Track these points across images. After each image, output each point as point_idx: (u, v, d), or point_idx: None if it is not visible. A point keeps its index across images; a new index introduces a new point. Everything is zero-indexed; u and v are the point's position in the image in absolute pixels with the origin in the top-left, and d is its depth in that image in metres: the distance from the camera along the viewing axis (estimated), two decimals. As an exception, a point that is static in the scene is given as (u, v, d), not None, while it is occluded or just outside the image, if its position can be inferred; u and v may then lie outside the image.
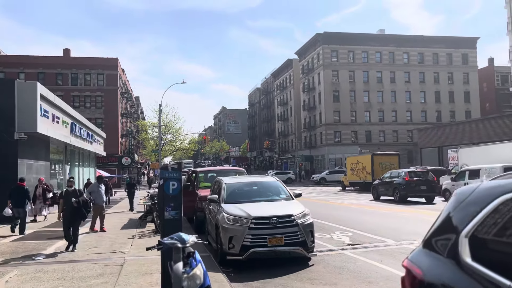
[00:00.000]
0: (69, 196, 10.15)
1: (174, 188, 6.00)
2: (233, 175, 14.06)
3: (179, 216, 6.06)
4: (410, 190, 22.08)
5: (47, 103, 18.13)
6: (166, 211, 5.95)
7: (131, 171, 65.05)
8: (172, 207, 5.99)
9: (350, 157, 39.48)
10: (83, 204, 10.16)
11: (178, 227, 5.84)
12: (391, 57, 67.22)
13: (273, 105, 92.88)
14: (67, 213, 10.13)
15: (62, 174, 24.49)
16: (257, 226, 7.90)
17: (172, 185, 5.98)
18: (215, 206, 9.31)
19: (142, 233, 12.53)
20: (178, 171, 6.10)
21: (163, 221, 6.05)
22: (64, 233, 10.24)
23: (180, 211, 6.11)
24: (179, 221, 6.06)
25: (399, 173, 23.92)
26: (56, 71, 57.30)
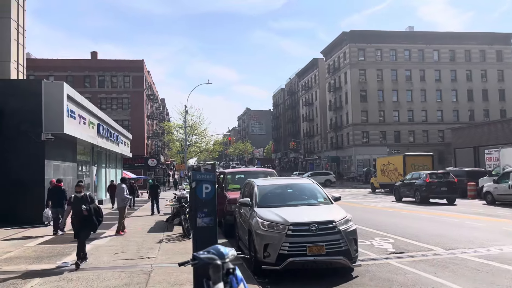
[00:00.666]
0: (78, 203, 8.58)
1: (208, 191, 5.35)
2: (263, 176, 13.40)
3: (213, 223, 5.40)
4: (431, 191, 22.35)
5: (74, 103, 17.93)
6: (199, 218, 5.30)
7: (157, 172, 65.37)
8: (206, 213, 5.34)
9: (380, 158, 38.23)
10: (94, 212, 8.57)
11: (213, 236, 5.22)
12: (421, 55, 65.21)
13: (298, 106, 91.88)
14: (75, 223, 8.63)
15: (89, 176, 24.40)
16: (295, 233, 7.19)
17: (205, 188, 5.33)
18: (247, 210, 8.66)
19: (170, 237, 12.01)
20: (212, 172, 5.46)
21: (196, 229, 5.39)
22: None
23: (215, 218, 5.46)
24: (213, 229, 5.40)
25: (420, 175, 24.08)
26: (84, 74, 58.09)
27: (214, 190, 5.48)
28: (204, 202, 5.35)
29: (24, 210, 15.16)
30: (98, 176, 26.58)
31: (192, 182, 5.46)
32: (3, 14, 26.47)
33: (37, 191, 15.57)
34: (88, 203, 8.60)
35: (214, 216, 5.44)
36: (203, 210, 5.34)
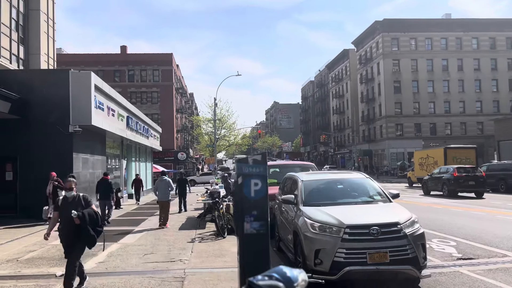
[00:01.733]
0: (67, 208, 6.00)
1: (258, 189, 4.29)
2: (300, 170, 12.31)
3: (265, 229, 4.33)
4: (458, 185, 22.69)
5: (102, 94, 17.30)
6: (246, 222, 4.25)
7: (187, 166, 65.23)
8: (255, 217, 4.28)
9: (418, 151, 36.37)
10: (90, 220, 6.09)
11: (264, 246, 4.19)
12: (458, 43, 62.07)
13: (327, 98, 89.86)
14: (64, 235, 6.14)
15: (119, 169, 23.93)
16: (353, 237, 6.09)
17: (254, 184, 4.27)
18: (291, 208, 7.60)
19: (203, 236, 11.10)
20: (263, 164, 4.40)
21: (243, 237, 4.33)
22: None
23: (267, 223, 4.39)
24: (265, 237, 4.33)
25: (448, 169, 24.38)
26: (114, 68, 58.31)
27: (266, 188, 4.42)
28: (253, 202, 4.28)
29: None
30: (128, 170, 26.12)
31: (237, 177, 4.40)
32: (33, 6, 26.38)
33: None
34: (82, 207, 6.11)
35: (265, 220, 4.36)
36: (251, 213, 4.27)
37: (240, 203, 4.34)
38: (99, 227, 6.42)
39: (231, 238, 10.61)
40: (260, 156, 4.43)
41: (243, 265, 4.29)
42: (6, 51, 21.94)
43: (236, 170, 4.49)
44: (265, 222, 4.40)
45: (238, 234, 4.50)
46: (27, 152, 15.06)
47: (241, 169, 4.36)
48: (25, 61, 23.87)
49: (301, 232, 6.61)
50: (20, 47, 23.69)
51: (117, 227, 13.29)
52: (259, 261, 4.20)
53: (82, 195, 6.48)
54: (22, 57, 23.85)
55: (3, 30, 21.45)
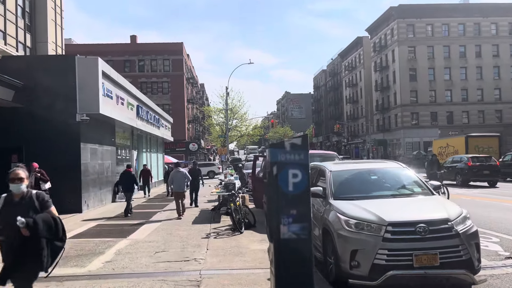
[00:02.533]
0: (11, 212, 3.97)
1: (298, 181, 3.42)
2: (320, 160, 11.44)
3: (307, 234, 3.43)
4: (472, 174, 22.73)
5: (110, 81, 16.55)
6: (283, 225, 3.36)
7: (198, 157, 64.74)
8: (295, 217, 3.40)
9: (438, 140, 35.18)
10: (47, 230, 4.14)
11: (306, 255, 3.34)
12: (477, 29, 60.08)
13: (340, 87, 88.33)
14: (4, 251, 4.12)
15: (130, 160, 23.28)
16: (396, 236, 5.22)
17: (293, 176, 3.40)
18: (318, 202, 6.75)
19: (218, 230, 10.33)
20: (304, 150, 3.53)
21: (279, 243, 3.44)
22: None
23: (309, 225, 3.52)
24: (307, 243, 3.44)
25: (462, 158, 24.53)
26: (124, 58, 57.69)
27: (307, 180, 3.54)
28: (291, 198, 3.41)
29: (58, 197, 13.87)
30: (139, 161, 25.48)
31: (272, 166, 3.51)
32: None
33: (72, 177, 14.35)
34: (34, 211, 4.12)
35: (307, 221, 3.47)
36: (289, 212, 3.39)
37: (275, 199, 3.46)
38: (60, 240, 4.41)
39: (249, 234, 9.82)
40: (300, 139, 3.55)
41: (279, 277, 3.44)
42: (12, 39, 21.32)
43: (270, 157, 3.60)
44: (308, 224, 3.52)
45: (273, 238, 3.60)
46: (33, 143, 14.39)
47: (275, 156, 3.47)
48: (32, 50, 23.27)
49: (334, 229, 5.76)
50: (26, 34, 23.06)
51: (126, 221, 12.61)
52: (299, 274, 3.37)
53: (36, 192, 4.31)
54: (29, 45, 23.24)
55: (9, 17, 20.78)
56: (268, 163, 3.60)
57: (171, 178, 13.87)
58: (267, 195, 3.68)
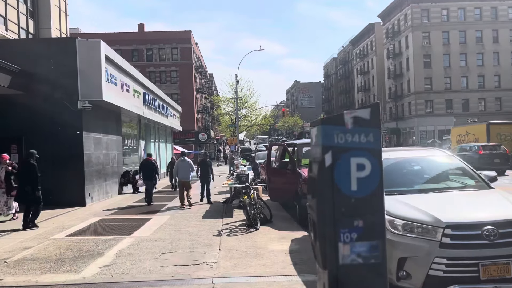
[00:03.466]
0: None
1: (366, 176, 2.33)
2: None
3: (380, 257, 2.37)
4: (484, 163, 22.05)
5: (114, 67, 15.58)
6: (342, 243, 2.26)
7: (208, 147, 63.96)
8: (361, 232, 2.30)
9: (456, 128, 33.82)
10: None
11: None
12: (494, 13, 57.93)
13: (352, 75, 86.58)
14: None
15: (137, 150, 22.42)
16: (458, 241, 4.20)
17: (358, 168, 2.32)
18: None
19: (231, 227, 9.37)
20: (374, 128, 2.45)
21: (334, 271, 2.28)
22: None
23: (383, 243, 2.47)
24: (380, 271, 2.38)
25: (471, 147, 24.42)
26: (132, 47, 56.74)
27: (380, 175, 2.50)
28: (355, 203, 2.32)
29: (60, 189, 13.07)
30: (147, 151, 24.58)
31: (324, 153, 2.42)
32: (42, -23, 24.67)
33: (74, 168, 13.47)
34: None
35: (380, 238, 2.38)
36: (353, 225, 2.25)
37: (328, 204, 2.37)
38: None
39: (266, 230, 8.84)
40: (369, 111, 2.48)
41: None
42: (13, 25, 20.44)
43: (319, 139, 2.48)
44: (381, 243, 2.46)
45: (326, 264, 2.49)
46: (33, 132, 13.51)
47: (330, 137, 2.37)
48: (35, 36, 22.40)
49: (373, 231, 4.73)
50: (29, 20, 22.17)
51: (131, 215, 11.71)
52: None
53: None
54: (31, 31, 22.36)
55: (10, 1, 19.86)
56: (317, 148, 2.51)
57: (176, 167, 13.74)
58: (314, 196, 2.60)
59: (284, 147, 11.90)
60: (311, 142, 2.72)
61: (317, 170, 2.62)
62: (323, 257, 2.37)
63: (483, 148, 23.43)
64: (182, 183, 13.23)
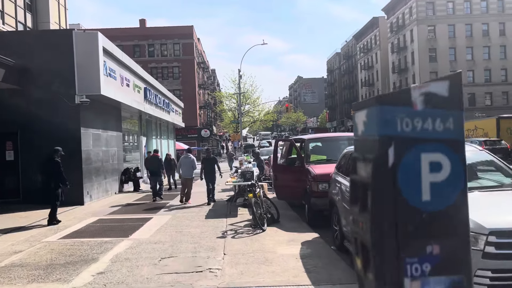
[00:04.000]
0: None
1: (443, 180, 1.71)
2: (347, 145, 9.85)
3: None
4: None
5: (113, 60, 15.00)
6: (409, 278, 1.49)
7: (210, 143, 63.41)
8: (437, 262, 1.58)
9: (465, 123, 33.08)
10: None
11: None
12: (500, 5, 56.98)
13: (355, 70, 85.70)
14: None
15: (138, 147, 21.87)
16: (504, 250, 3.61)
17: (431, 167, 1.67)
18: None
19: (235, 228, 8.79)
20: (456, 109, 1.77)
21: None
22: None
23: (470, 279, 1.82)
24: None
25: (472, 142, 23.53)
26: (133, 43, 56.08)
27: (463, 179, 1.85)
28: (428, 218, 1.65)
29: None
30: (148, 148, 24.05)
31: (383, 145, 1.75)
32: (40, -30, 24.04)
33: (72, 165, 12.88)
34: None
35: (465, 272, 1.62)
36: (426, 250, 1.56)
37: (386, 219, 1.74)
38: None
39: (273, 231, 8.26)
40: (447, 85, 1.82)
41: None
42: (11, 18, 19.89)
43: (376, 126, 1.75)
44: (466, 278, 1.78)
45: None
46: (29, 128, 12.98)
47: (390, 124, 1.67)
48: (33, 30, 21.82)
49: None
50: (27, 14, 21.61)
51: (130, 215, 11.16)
52: None
53: None
54: (30, 25, 21.81)
55: (6, -6, 19.32)
56: (368, 140, 1.82)
57: (179, 164, 13.50)
58: (364, 209, 1.93)
59: (291, 143, 11.28)
60: (355, 132, 2.10)
61: (369, 172, 1.93)
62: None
63: (485, 143, 23.41)
64: (185, 180, 12.95)
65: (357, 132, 2.06)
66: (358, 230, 1.91)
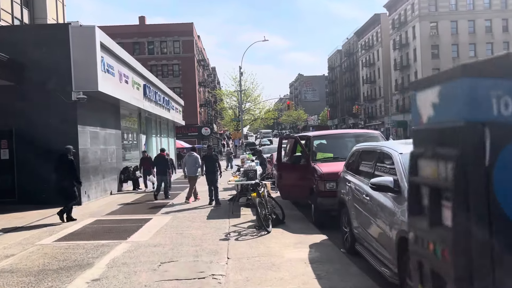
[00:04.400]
0: None
1: None
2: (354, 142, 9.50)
3: None
4: None
5: (111, 56, 14.57)
6: None
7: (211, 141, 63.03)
8: None
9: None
10: None
11: None
12: (503, 1, 56.54)
13: (357, 68, 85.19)
14: None
15: (138, 145, 21.45)
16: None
17: None
18: (388, 199, 4.77)
19: (239, 229, 8.39)
20: None
21: None
22: None
23: None
24: None
25: None
26: (133, 40, 55.53)
27: None
28: None
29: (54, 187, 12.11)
30: (148, 146, 23.65)
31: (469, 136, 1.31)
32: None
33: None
34: None
35: None
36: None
37: (476, 238, 1.32)
38: None
39: (279, 233, 7.86)
40: None
41: None
42: (7, 14, 19.48)
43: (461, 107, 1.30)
44: None
45: None
46: (24, 126, 12.56)
47: (482, 105, 1.23)
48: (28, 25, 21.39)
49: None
50: (23, 10, 21.18)
51: (129, 215, 10.76)
52: None
53: None
54: (26, 21, 21.39)
55: (2, -10, 18.89)
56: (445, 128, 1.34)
57: (184, 163, 13.41)
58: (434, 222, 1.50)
59: (295, 140, 10.86)
60: (415, 119, 1.67)
61: (448, 173, 1.40)
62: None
63: None
64: (189, 178, 12.88)
65: (419, 118, 1.62)
66: (424, 252, 1.49)
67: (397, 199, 4.56)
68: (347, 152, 9.58)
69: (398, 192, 4.56)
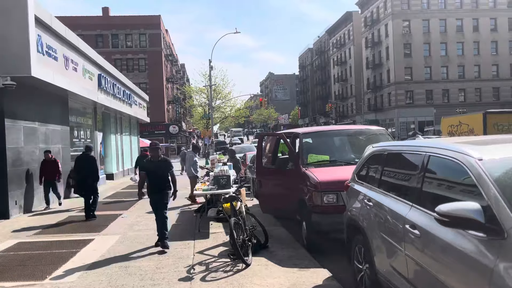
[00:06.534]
0: None
1: None
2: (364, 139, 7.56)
3: None
4: None
5: (53, 36, 12.03)
6: None
7: (180, 140, 60.27)
8: None
9: (448, 118, 31.49)
10: None
11: None
12: (474, 1, 56.51)
13: (328, 66, 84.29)
14: None
15: (93, 144, 18.81)
16: None
17: None
18: (470, 242, 2.71)
19: (207, 259, 6.17)
20: None
21: None
22: None
23: None
24: None
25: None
26: (96, 32, 52.10)
27: None
28: None
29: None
30: (106, 145, 21.02)
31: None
32: None
33: None
34: None
35: None
36: None
37: None
38: None
39: (262, 266, 5.71)
40: None
41: None
42: None
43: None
44: None
45: None
46: None
47: None
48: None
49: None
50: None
51: (65, 235, 8.30)
52: None
53: None
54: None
55: None
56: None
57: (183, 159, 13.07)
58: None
59: (279, 138, 8.69)
60: None
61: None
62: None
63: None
64: (190, 178, 12.40)
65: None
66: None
67: (492, 244, 2.52)
68: (347, 153, 7.59)
69: (494, 231, 2.52)
